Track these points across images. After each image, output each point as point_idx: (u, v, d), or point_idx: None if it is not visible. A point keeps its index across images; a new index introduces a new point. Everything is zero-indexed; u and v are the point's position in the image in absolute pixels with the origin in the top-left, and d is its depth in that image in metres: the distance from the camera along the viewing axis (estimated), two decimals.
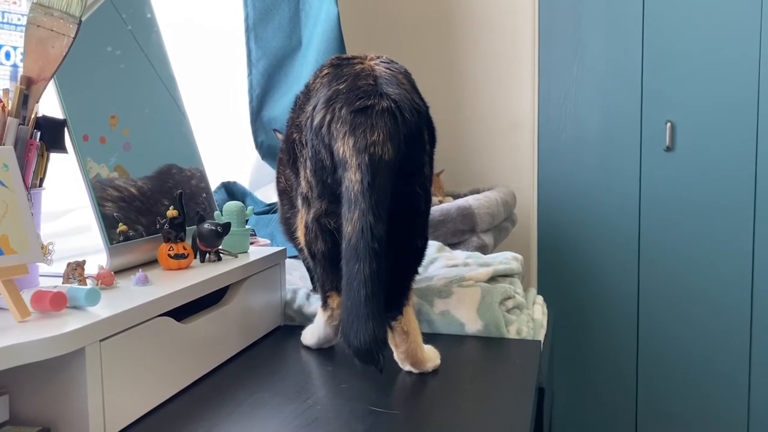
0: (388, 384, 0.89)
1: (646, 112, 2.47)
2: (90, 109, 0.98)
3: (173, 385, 0.84)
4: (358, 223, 0.78)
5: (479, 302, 1.11)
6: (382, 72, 0.88)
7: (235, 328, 1.01)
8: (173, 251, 0.97)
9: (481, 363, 0.98)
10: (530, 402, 0.83)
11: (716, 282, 2.45)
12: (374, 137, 0.80)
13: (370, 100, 0.83)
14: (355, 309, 0.78)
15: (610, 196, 2.53)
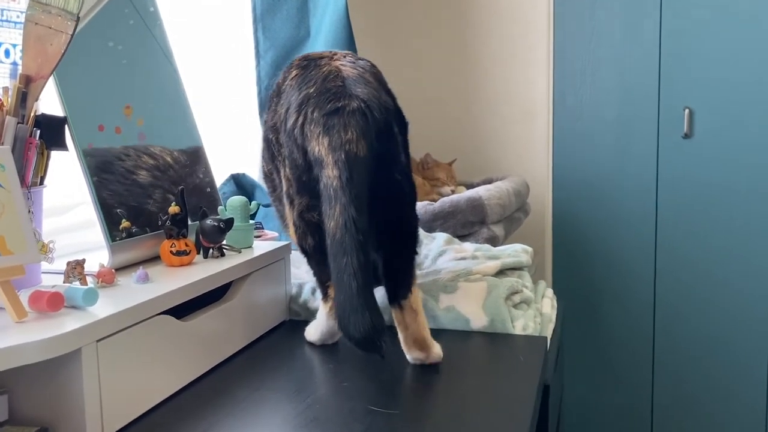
0: (389, 382, 0.88)
1: (664, 98, 2.42)
2: (105, 100, 0.99)
3: (173, 383, 0.85)
4: (340, 217, 0.80)
5: (485, 297, 1.10)
6: (349, 72, 0.89)
7: (238, 325, 1.01)
8: (175, 248, 0.97)
9: (485, 360, 0.97)
10: (533, 400, 0.82)
11: (735, 272, 2.41)
12: (348, 136, 0.83)
13: (340, 101, 0.85)
14: (349, 302, 0.79)
15: (627, 185, 2.49)
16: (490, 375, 0.91)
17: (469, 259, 1.35)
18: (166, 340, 0.83)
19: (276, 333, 1.10)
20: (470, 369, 0.93)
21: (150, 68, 1.11)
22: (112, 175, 0.97)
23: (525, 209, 2.08)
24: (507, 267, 1.30)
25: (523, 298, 1.17)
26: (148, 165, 1.06)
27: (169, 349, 0.83)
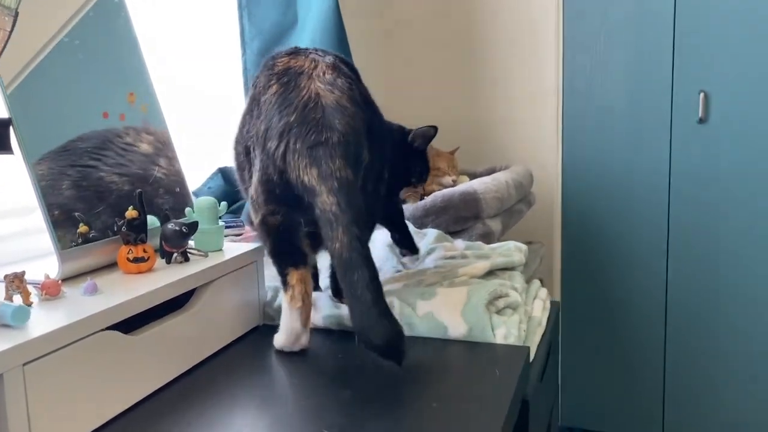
0: (353, 398, 0.83)
1: (678, 82, 2.31)
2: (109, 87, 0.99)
3: (118, 404, 0.80)
4: (345, 237, 0.83)
5: (465, 303, 1.04)
6: (328, 100, 0.91)
7: (203, 333, 0.96)
8: (132, 254, 0.92)
9: (459, 371, 0.92)
10: (502, 417, 0.76)
11: (752, 264, 2.31)
12: (337, 164, 0.86)
13: (323, 134, 0.88)
14: (366, 314, 0.82)
15: (639, 172, 2.40)
16: (462, 389, 0.85)
17: (458, 258, 1.29)
18: (112, 357, 0.78)
19: (247, 339, 1.05)
20: (441, 382, 0.87)
21: (111, 60, 1.06)
22: (69, 177, 0.92)
23: (528, 200, 2.01)
24: (497, 267, 1.24)
25: (508, 303, 1.10)
26: (115, 163, 1.02)
27: (115, 367, 0.79)
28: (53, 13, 0.97)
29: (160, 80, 1.51)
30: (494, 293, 1.06)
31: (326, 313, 1.08)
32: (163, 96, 1.49)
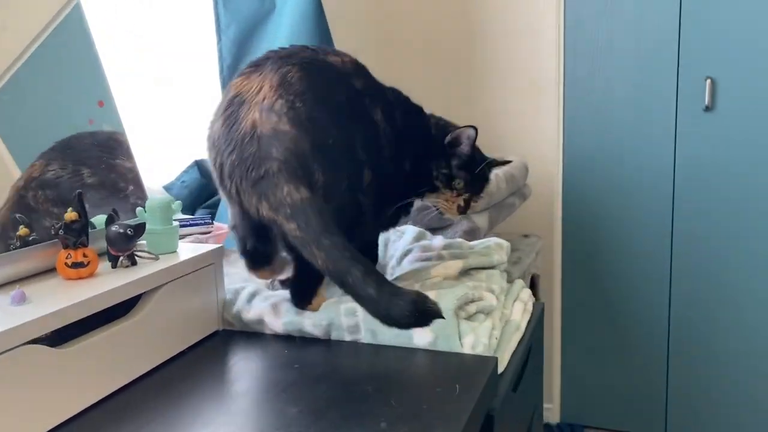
0: (300, 415, 0.77)
1: (684, 68, 2.22)
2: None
3: (45, 421, 0.75)
4: (320, 252, 0.86)
5: None
6: (264, 128, 0.91)
7: (149, 342, 0.90)
8: (71, 259, 0.87)
9: (417, 385, 0.86)
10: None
11: (757, 256, 2.22)
12: (284, 191, 0.88)
13: (261, 168, 0.90)
14: (376, 307, 0.85)
15: (643, 162, 2.31)
16: (420, 404, 0.79)
17: (433, 259, 1.22)
18: (36, 373, 0.73)
19: (204, 346, 1.00)
20: (398, 396, 0.81)
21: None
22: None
23: (522, 193, 1.93)
24: (471, 267, 1.17)
25: (481, 308, 1.04)
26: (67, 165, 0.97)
27: (43, 383, 0.74)
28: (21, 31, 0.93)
29: (136, 70, 1.47)
30: (464, 298, 1.00)
31: (287, 319, 1.02)
32: (138, 86, 1.43)
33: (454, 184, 1.14)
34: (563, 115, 2.39)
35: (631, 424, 2.48)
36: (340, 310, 1.00)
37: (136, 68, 1.45)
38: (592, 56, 2.32)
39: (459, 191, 1.14)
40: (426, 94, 2.48)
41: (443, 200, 1.15)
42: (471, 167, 1.15)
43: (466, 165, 1.14)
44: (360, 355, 0.95)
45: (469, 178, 1.14)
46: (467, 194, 1.15)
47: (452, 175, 1.14)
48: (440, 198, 1.15)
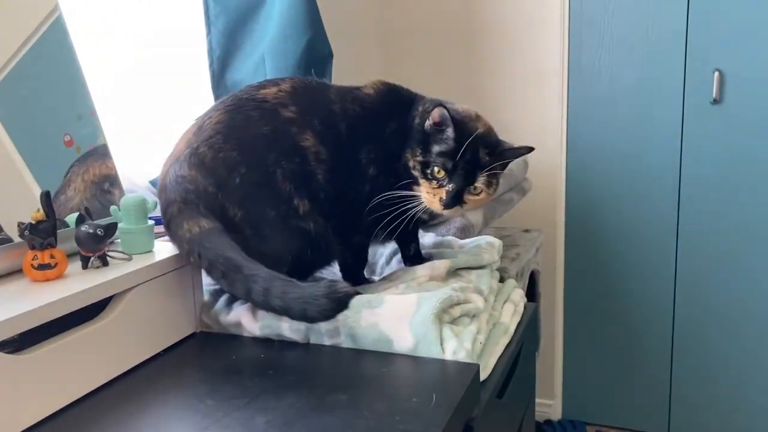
0: (268, 425, 0.74)
1: (692, 60, 2.16)
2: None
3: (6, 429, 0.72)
4: (247, 282, 0.92)
5: (413, 313, 0.94)
6: (169, 178, 0.99)
7: (119, 346, 0.88)
8: (37, 261, 0.84)
9: (393, 393, 0.82)
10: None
11: (764, 252, 2.17)
12: (183, 228, 0.95)
13: (168, 213, 0.99)
14: (287, 312, 0.94)
15: (648, 156, 2.26)
16: (393, 414, 0.75)
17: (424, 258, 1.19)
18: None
19: (178, 349, 0.97)
20: (371, 404, 0.78)
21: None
22: None
23: (521, 188, 1.89)
24: (459, 267, 1.14)
25: (465, 311, 1.00)
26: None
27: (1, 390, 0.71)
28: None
29: (126, 63, 1.44)
30: (447, 301, 0.96)
31: (264, 322, 0.99)
32: (128, 79, 1.39)
33: (430, 173, 1.03)
34: (567, 106, 2.34)
35: (634, 422, 2.45)
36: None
37: (123, 60, 1.42)
38: (598, 46, 2.26)
39: (439, 181, 1.03)
40: (429, 83, 2.44)
41: (425, 192, 1.04)
42: (455, 154, 1.02)
43: (451, 152, 1.02)
44: (337, 361, 0.92)
45: (450, 166, 1.02)
46: (451, 185, 1.02)
47: (428, 162, 1.03)
48: (423, 190, 1.04)
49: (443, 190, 1.03)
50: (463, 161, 1.02)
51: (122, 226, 0.96)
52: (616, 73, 2.26)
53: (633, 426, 2.45)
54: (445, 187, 1.03)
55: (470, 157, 1.02)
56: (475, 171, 1.03)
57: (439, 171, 1.03)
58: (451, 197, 1.03)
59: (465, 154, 1.01)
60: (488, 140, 1.06)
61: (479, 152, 1.03)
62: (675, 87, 2.19)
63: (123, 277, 0.89)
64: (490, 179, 1.05)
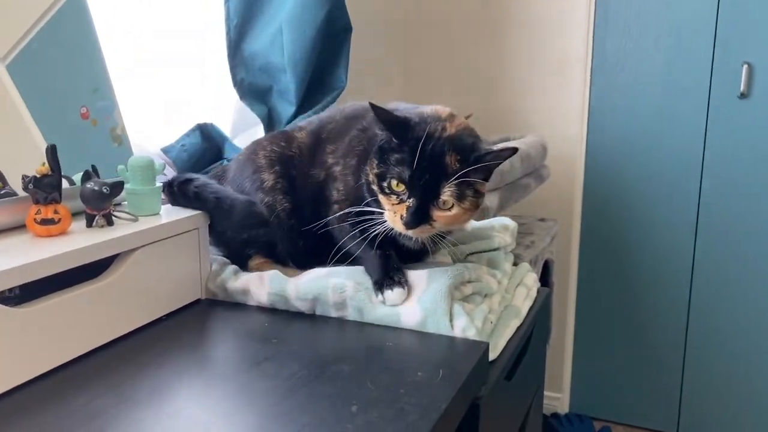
0: (267, 391, 0.72)
1: (720, 52, 2.10)
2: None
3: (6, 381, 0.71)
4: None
5: (423, 289, 0.92)
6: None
7: (122, 306, 0.86)
8: (40, 215, 0.82)
9: (399, 368, 0.79)
10: (430, 424, 0.65)
11: None
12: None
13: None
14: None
15: (670, 150, 2.21)
16: (397, 388, 0.73)
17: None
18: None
19: (181, 314, 0.95)
20: (374, 378, 0.75)
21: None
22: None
23: (538, 174, 1.85)
24: (476, 251, 1.11)
25: (478, 289, 0.97)
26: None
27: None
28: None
29: (143, 35, 1.41)
30: (459, 277, 0.94)
31: (272, 290, 0.97)
32: (142, 46, 1.38)
33: (387, 186, 0.88)
34: (589, 95, 2.29)
35: (642, 420, 2.41)
36: (328, 285, 0.94)
37: (139, 27, 1.40)
38: (624, 36, 2.21)
39: (399, 195, 0.87)
40: (450, 70, 2.40)
41: (387, 211, 0.90)
42: (412, 162, 0.85)
43: (407, 160, 0.86)
44: (343, 333, 0.89)
45: (406, 176, 0.86)
46: (412, 200, 0.86)
47: (383, 173, 0.88)
48: (385, 208, 0.90)
49: (404, 206, 0.87)
50: (421, 170, 0.85)
51: (129, 186, 0.94)
52: (640, 63, 2.21)
53: (641, 424, 2.42)
54: (405, 203, 0.87)
55: (429, 164, 0.85)
56: (439, 181, 0.86)
57: (397, 184, 0.87)
58: (412, 214, 0.86)
59: (422, 162, 0.85)
60: (459, 144, 0.87)
61: (445, 158, 0.86)
62: (701, 79, 2.14)
63: (128, 237, 0.87)
64: (462, 191, 0.87)
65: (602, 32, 2.23)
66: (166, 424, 0.65)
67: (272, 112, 1.53)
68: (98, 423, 0.65)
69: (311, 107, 1.52)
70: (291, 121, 1.50)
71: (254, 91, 1.52)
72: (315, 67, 1.49)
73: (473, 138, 0.91)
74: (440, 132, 0.88)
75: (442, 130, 0.88)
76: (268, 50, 1.48)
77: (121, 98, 1.17)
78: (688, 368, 2.31)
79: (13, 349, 0.72)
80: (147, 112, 1.41)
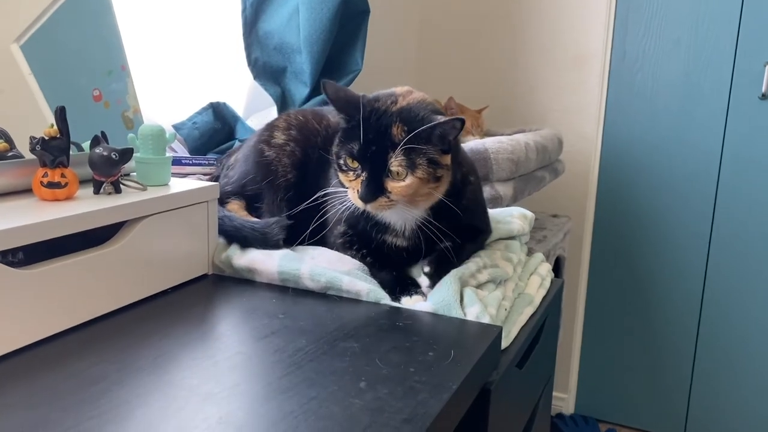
0: (275, 365, 0.69)
1: (742, 52, 2.06)
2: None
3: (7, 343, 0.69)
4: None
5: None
6: None
7: (126, 275, 0.84)
8: (47, 178, 0.80)
9: (408, 348, 0.76)
10: (439, 406, 0.62)
11: None
12: None
13: None
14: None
15: (687, 149, 2.17)
16: (406, 368, 0.70)
17: None
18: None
19: (187, 288, 0.93)
20: (384, 356, 0.73)
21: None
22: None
23: (553, 168, 1.82)
24: (495, 238, 1.08)
25: (493, 276, 0.95)
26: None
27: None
28: None
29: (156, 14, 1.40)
30: (467, 269, 0.91)
31: (283, 263, 0.94)
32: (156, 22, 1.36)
33: (343, 163, 0.89)
34: (606, 92, 2.26)
35: (649, 424, 2.38)
36: (342, 279, 0.92)
37: (152, 8, 1.38)
38: (643, 32, 2.18)
39: (355, 171, 0.88)
40: (465, 61, 2.37)
41: (348, 188, 0.90)
42: (359, 135, 0.86)
43: (355, 134, 0.87)
44: (353, 312, 0.87)
45: (356, 150, 0.86)
46: (364, 174, 0.86)
47: (339, 152, 0.90)
48: (346, 185, 0.90)
49: (359, 180, 0.88)
50: (368, 142, 0.86)
51: (139, 155, 0.92)
52: (660, 61, 2.17)
53: (647, 428, 2.38)
54: (360, 177, 0.87)
55: (376, 136, 0.86)
56: (386, 150, 0.85)
57: (352, 160, 0.88)
58: (365, 187, 0.86)
59: (368, 134, 0.86)
60: (407, 115, 0.86)
61: (391, 129, 0.85)
62: (722, 79, 2.10)
63: (135, 205, 0.85)
64: (413, 160, 0.85)
65: (622, 29, 2.20)
66: (167, 391, 0.63)
67: (286, 94, 1.51)
68: (98, 388, 0.63)
69: None
70: (305, 103, 1.48)
71: (268, 71, 1.50)
72: (331, 49, 1.46)
73: (424, 111, 0.88)
74: (389, 106, 0.88)
75: (391, 104, 0.88)
76: (283, 29, 1.46)
77: (136, 75, 1.15)
78: (698, 373, 2.27)
79: (15, 312, 0.70)
80: (160, 89, 1.40)
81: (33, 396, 0.61)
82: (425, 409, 0.62)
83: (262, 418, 0.59)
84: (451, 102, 1.91)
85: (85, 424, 0.56)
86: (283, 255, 0.97)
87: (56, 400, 0.60)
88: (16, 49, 0.95)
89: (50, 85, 0.97)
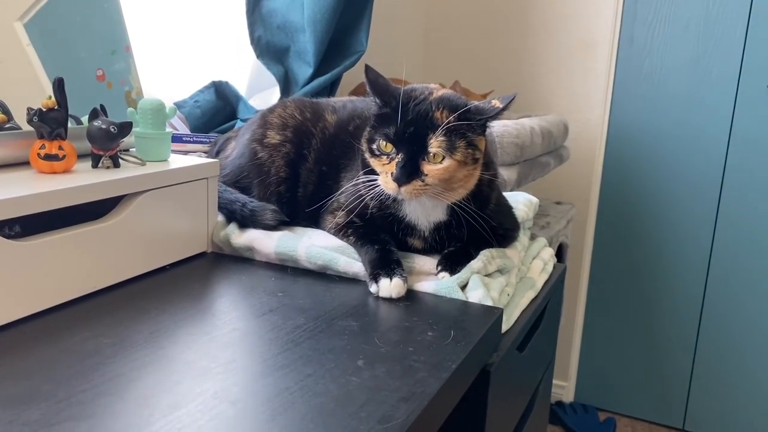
0: (272, 342, 0.69)
1: (752, 40, 2.04)
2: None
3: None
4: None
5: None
6: None
7: (123, 250, 0.83)
8: (44, 150, 0.79)
9: (408, 326, 0.76)
10: (437, 385, 0.61)
11: None
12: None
13: None
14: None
15: (694, 138, 2.15)
16: (405, 346, 0.69)
17: None
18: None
19: (185, 265, 0.92)
20: (385, 334, 0.72)
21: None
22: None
23: (558, 154, 1.81)
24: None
25: (501, 267, 0.94)
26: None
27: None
28: None
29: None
30: (468, 269, 0.89)
31: (281, 243, 0.93)
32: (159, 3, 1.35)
33: (377, 148, 0.86)
34: (613, 80, 2.23)
35: (649, 413, 2.37)
36: (339, 260, 0.91)
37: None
38: (652, 18, 2.15)
39: (389, 155, 0.85)
40: (472, 46, 2.35)
41: (380, 175, 0.87)
42: (396, 118, 0.84)
43: (392, 117, 0.85)
44: (353, 291, 0.86)
45: (392, 133, 0.84)
46: (400, 155, 0.84)
47: (373, 137, 0.87)
48: (378, 172, 0.87)
49: (393, 163, 0.84)
50: (406, 124, 0.84)
51: (138, 130, 0.91)
52: (668, 49, 2.15)
53: (647, 417, 2.38)
54: (395, 160, 0.85)
55: (416, 119, 0.84)
56: (425, 133, 0.83)
57: (385, 144, 0.85)
58: (401, 168, 0.83)
59: (406, 117, 0.84)
60: (446, 101, 0.86)
61: (431, 114, 0.84)
62: (730, 68, 2.08)
63: (133, 179, 0.84)
64: (453, 142, 0.83)
65: (631, 14, 2.17)
66: (162, 366, 0.62)
67: (289, 73, 1.49)
68: (93, 361, 0.62)
69: (330, 70, 1.48)
70: (308, 84, 1.46)
71: (272, 50, 1.48)
72: (335, 29, 1.45)
73: (461, 99, 0.89)
74: (427, 95, 0.87)
75: (429, 94, 0.88)
76: (287, 8, 1.44)
77: (138, 53, 1.14)
78: (699, 363, 2.26)
79: (11, 284, 0.69)
80: (163, 68, 1.38)
81: (26, 369, 0.60)
82: (423, 388, 0.61)
83: (257, 394, 0.59)
84: (456, 86, 1.88)
85: (78, 396, 0.56)
86: (281, 235, 0.96)
87: (49, 373, 0.60)
88: (20, 27, 0.94)
89: (54, 64, 0.96)
